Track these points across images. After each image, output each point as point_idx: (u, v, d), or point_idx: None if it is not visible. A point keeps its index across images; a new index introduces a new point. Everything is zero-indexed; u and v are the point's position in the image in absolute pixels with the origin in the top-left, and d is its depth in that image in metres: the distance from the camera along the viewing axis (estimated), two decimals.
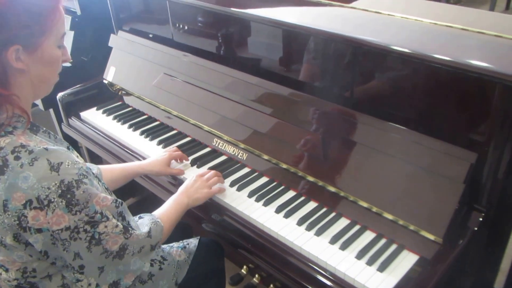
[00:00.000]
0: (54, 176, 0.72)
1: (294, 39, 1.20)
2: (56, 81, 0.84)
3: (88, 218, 0.76)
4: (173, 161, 1.26)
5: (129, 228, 0.83)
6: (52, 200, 0.72)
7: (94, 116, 1.59)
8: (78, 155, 0.84)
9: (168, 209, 1.01)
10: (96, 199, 0.77)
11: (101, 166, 1.12)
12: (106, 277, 0.81)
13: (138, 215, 0.96)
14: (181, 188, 1.10)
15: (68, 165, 0.74)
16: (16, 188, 0.71)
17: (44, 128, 0.83)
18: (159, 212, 1.00)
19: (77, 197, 0.74)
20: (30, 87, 0.78)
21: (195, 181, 1.11)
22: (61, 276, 0.83)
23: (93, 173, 0.81)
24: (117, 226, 0.80)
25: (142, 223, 0.91)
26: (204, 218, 1.15)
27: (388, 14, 1.14)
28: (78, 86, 1.66)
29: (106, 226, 0.78)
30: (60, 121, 1.74)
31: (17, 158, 0.72)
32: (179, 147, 1.35)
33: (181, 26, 1.52)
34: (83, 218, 0.75)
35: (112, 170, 1.14)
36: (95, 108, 1.63)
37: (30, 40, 0.74)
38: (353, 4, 1.23)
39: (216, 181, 1.13)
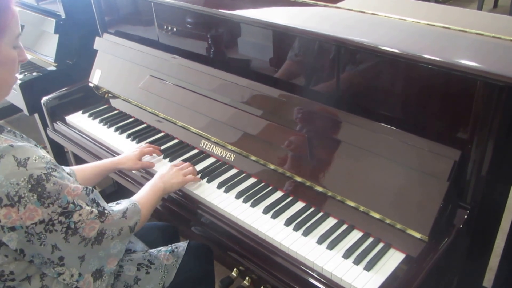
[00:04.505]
0: (22, 171, 0.71)
1: (282, 40, 1.20)
2: (14, 83, 0.82)
3: (62, 209, 0.76)
4: (147, 156, 1.29)
5: (105, 212, 0.84)
6: (23, 195, 0.71)
7: (80, 120, 1.57)
8: (46, 152, 0.84)
9: (145, 193, 1.03)
10: (67, 189, 0.77)
11: (73, 167, 1.12)
12: (88, 266, 0.81)
13: (116, 202, 0.96)
14: (156, 175, 1.12)
15: (35, 159, 0.74)
16: None
17: (9, 128, 0.83)
18: (136, 196, 1.01)
19: (48, 189, 0.73)
20: None
21: (170, 169, 1.14)
22: (40, 278, 0.82)
23: (63, 169, 0.81)
24: (91, 212, 0.80)
25: (119, 206, 0.91)
26: (193, 221, 1.15)
27: (373, 14, 1.14)
28: (63, 89, 1.64)
29: (80, 215, 0.78)
30: (45, 126, 1.71)
31: None
32: (166, 149, 1.34)
33: (166, 27, 1.51)
34: (57, 210, 0.75)
35: (84, 169, 1.14)
36: (80, 111, 1.61)
37: None
38: (340, 4, 1.24)
39: (191, 171, 1.16)
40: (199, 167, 1.25)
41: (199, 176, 1.20)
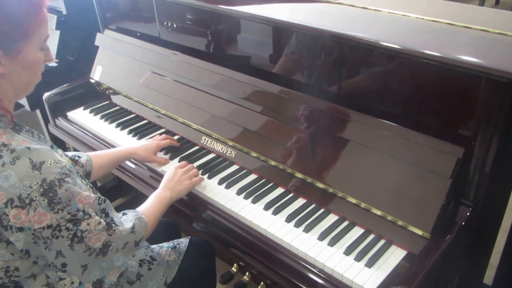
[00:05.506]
0: (36, 175, 0.71)
1: (283, 36, 1.19)
2: (38, 81, 0.83)
3: (70, 216, 0.75)
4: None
5: (113, 225, 0.83)
6: (34, 198, 0.71)
7: (81, 116, 1.57)
8: (62, 154, 0.84)
9: (151, 205, 1.01)
10: (78, 197, 0.76)
11: (90, 153, 1.13)
12: (89, 275, 0.81)
13: (122, 212, 0.95)
14: (162, 183, 1.10)
15: (50, 164, 0.73)
16: None
17: (27, 128, 0.83)
18: (142, 208, 1.00)
19: (60, 195, 0.73)
20: (11, 89, 0.78)
21: (174, 174, 1.12)
22: (46, 276, 0.82)
23: (77, 172, 0.81)
24: (100, 223, 0.80)
25: (126, 219, 0.91)
26: (194, 217, 1.15)
27: (375, 10, 1.13)
28: (64, 86, 1.64)
29: (88, 224, 0.78)
30: (47, 122, 1.71)
31: None
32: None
33: (167, 24, 1.51)
34: (65, 216, 0.75)
35: (101, 156, 1.16)
36: (82, 107, 1.61)
37: (11, 46, 0.74)
38: (342, 0, 1.23)
39: (196, 172, 1.15)
40: (200, 163, 1.25)
41: (200, 172, 1.20)
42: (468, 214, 0.93)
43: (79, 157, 1.08)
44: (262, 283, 1.29)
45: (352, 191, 1.01)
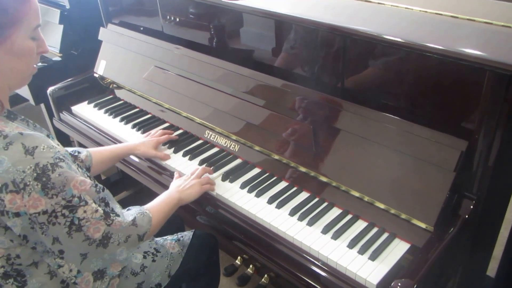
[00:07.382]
0: (29, 159, 0.72)
1: (285, 30, 1.19)
2: (33, 73, 0.83)
3: (66, 202, 0.75)
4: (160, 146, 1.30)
5: (111, 214, 0.82)
6: (28, 183, 0.72)
7: (85, 110, 1.58)
8: (58, 143, 0.84)
9: (158, 203, 1.01)
10: (73, 182, 0.76)
11: (90, 149, 1.14)
12: (89, 265, 0.81)
13: (127, 208, 0.96)
14: (173, 185, 1.11)
15: (43, 148, 0.74)
16: None
17: (23, 117, 0.83)
18: (149, 205, 1.00)
19: (53, 180, 0.73)
20: (2, 78, 0.78)
21: (186, 178, 1.12)
22: (47, 264, 0.82)
23: (73, 160, 0.81)
24: (97, 211, 0.79)
25: (128, 214, 0.91)
26: (198, 210, 1.16)
27: (378, 3, 1.13)
28: (68, 80, 1.65)
29: (85, 211, 0.77)
30: (51, 116, 1.72)
31: None
32: (171, 140, 1.35)
33: (170, 18, 1.50)
34: (60, 202, 0.75)
35: (101, 152, 1.16)
36: (86, 102, 1.62)
37: None
38: None
39: (208, 179, 1.13)
40: (203, 157, 1.26)
41: (203, 166, 1.20)
42: (471, 207, 0.93)
43: (79, 152, 1.09)
44: (266, 275, 1.30)
45: (356, 185, 1.01)
